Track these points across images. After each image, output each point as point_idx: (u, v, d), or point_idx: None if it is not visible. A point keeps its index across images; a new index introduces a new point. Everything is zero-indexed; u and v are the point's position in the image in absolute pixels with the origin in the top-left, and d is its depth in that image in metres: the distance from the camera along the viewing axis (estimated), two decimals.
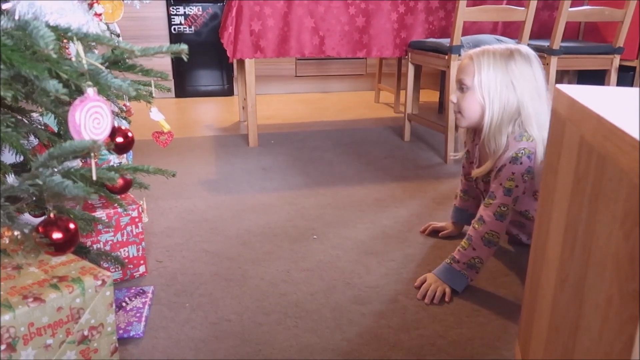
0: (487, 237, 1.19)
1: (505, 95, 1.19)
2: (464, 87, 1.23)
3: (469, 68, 1.22)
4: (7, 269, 0.81)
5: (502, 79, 1.19)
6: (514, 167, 1.18)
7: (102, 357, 0.83)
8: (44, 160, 0.76)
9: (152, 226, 1.56)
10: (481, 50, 1.22)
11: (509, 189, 1.18)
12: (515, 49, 1.21)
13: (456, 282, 1.21)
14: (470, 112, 1.24)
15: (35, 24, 0.69)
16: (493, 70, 1.19)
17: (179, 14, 3.76)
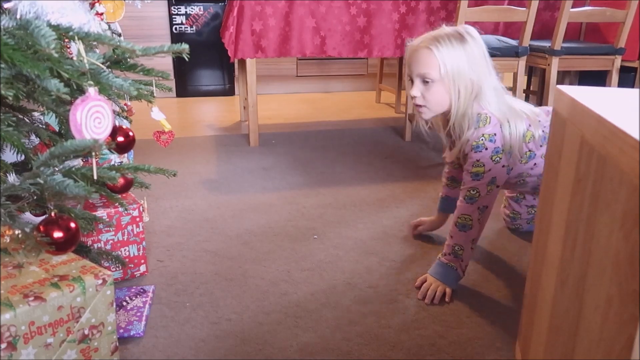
0: (460, 221, 1.22)
1: (468, 79, 1.17)
2: (428, 80, 1.18)
3: (430, 60, 1.17)
4: (8, 268, 0.81)
5: (463, 63, 1.17)
6: (478, 154, 1.20)
7: (102, 356, 0.83)
8: (45, 159, 0.76)
9: (152, 225, 1.56)
10: (435, 38, 1.17)
11: (476, 173, 1.20)
12: (462, 30, 1.19)
13: (448, 277, 1.21)
14: (438, 104, 1.21)
15: (36, 23, 0.69)
16: (456, 57, 1.16)
17: (180, 13, 3.76)
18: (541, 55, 2.34)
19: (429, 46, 1.16)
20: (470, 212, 1.21)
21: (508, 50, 2.23)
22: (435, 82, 1.17)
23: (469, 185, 1.22)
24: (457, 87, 1.17)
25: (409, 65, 1.22)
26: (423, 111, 1.23)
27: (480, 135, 1.19)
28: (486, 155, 1.19)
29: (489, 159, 1.20)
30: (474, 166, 1.20)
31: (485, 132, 1.19)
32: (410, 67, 1.21)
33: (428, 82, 1.18)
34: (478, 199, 1.20)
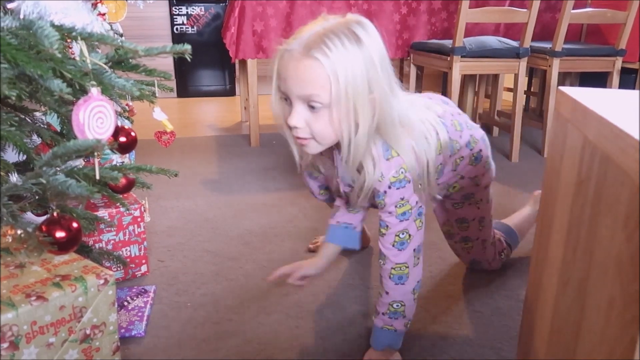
0: (395, 272, 0.96)
1: (370, 97, 0.84)
2: (315, 104, 0.84)
3: (318, 76, 0.82)
4: (10, 268, 0.81)
5: (362, 76, 0.83)
6: (401, 191, 0.93)
7: (104, 356, 0.83)
8: (48, 159, 0.76)
9: (153, 226, 1.56)
10: (321, 40, 0.81)
11: (403, 213, 0.95)
12: (355, 25, 0.84)
13: (391, 343, 0.99)
14: (328, 135, 0.87)
15: (40, 23, 0.69)
16: (352, 68, 0.81)
17: (181, 14, 3.77)
18: (542, 57, 2.34)
19: (316, 55, 0.81)
20: (406, 259, 0.96)
21: (509, 51, 2.23)
22: (324, 107, 0.84)
23: (397, 229, 0.95)
24: (356, 111, 0.84)
25: (285, 79, 0.86)
26: (309, 145, 0.90)
27: (399, 167, 0.91)
28: (409, 188, 0.94)
29: (412, 192, 0.94)
30: (399, 206, 0.94)
31: (404, 162, 0.91)
32: (286, 82, 0.85)
33: (315, 107, 0.84)
34: (410, 241, 0.96)
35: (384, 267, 0.98)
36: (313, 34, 0.83)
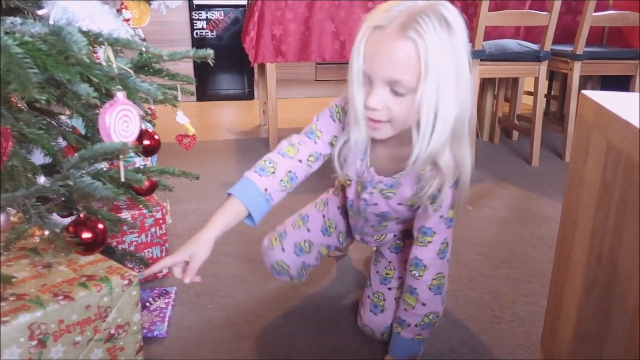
0: (435, 283, 0.94)
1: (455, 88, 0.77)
2: (400, 89, 0.76)
3: (411, 60, 0.74)
4: (38, 267, 0.83)
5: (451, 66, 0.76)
6: (454, 193, 0.89)
7: (127, 356, 0.84)
8: (75, 161, 0.78)
9: (174, 228, 1.58)
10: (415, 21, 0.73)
11: (451, 218, 0.91)
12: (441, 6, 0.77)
13: (415, 352, 1.00)
14: (405, 121, 0.80)
15: (68, 29, 0.71)
16: (444, 56, 0.74)
17: (201, 18, 3.81)
18: (563, 60, 2.31)
19: (412, 36, 0.73)
20: (444, 269, 0.94)
21: (529, 54, 2.21)
22: (412, 93, 0.76)
23: (443, 237, 0.92)
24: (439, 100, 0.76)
25: (371, 58, 0.77)
26: (382, 129, 0.82)
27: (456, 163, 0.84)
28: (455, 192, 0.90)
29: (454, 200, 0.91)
30: (450, 208, 0.90)
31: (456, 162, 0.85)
32: (372, 62, 0.77)
33: (399, 91, 0.77)
34: (448, 250, 0.94)
35: (422, 279, 0.93)
36: (404, 12, 0.75)
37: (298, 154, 0.93)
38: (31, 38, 0.69)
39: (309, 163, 0.94)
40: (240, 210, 0.91)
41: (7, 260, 0.85)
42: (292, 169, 0.93)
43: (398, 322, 0.99)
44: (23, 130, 0.79)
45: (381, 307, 1.04)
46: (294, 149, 0.94)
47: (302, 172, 0.94)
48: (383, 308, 1.04)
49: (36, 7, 0.81)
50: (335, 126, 0.95)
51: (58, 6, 0.72)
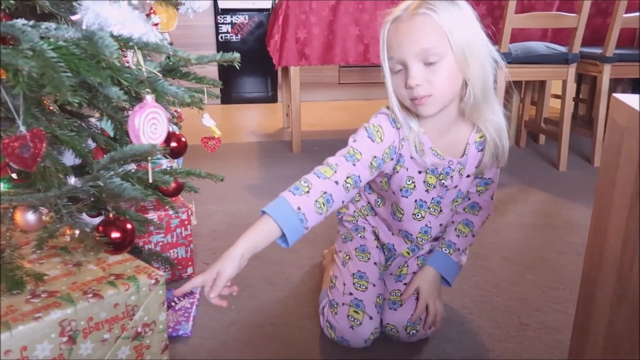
0: (485, 221, 1.11)
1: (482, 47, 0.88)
2: (432, 58, 0.84)
3: (433, 28, 0.84)
4: (69, 266, 0.85)
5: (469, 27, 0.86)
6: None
7: (153, 354, 0.86)
8: (105, 163, 0.80)
9: (199, 229, 1.60)
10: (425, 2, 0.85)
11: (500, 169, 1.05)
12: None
13: (452, 277, 1.08)
14: (448, 88, 0.88)
15: (100, 33, 0.73)
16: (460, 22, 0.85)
17: (226, 22, 3.86)
18: (592, 63, 2.26)
19: (424, 11, 0.84)
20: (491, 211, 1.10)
21: (557, 57, 2.17)
22: (443, 58, 0.85)
23: (496, 185, 1.08)
24: (474, 60, 0.86)
25: (398, 44, 0.86)
26: (428, 103, 0.88)
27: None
28: None
29: None
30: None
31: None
32: (400, 46, 0.86)
33: (432, 62, 0.85)
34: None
35: (479, 215, 1.08)
36: (415, 2, 0.86)
37: (335, 175, 0.91)
38: (65, 43, 0.71)
39: (347, 186, 0.91)
40: (271, 228, 0.89)
41: (39, 258, 0.87)
42: (328, 190, 0.89)
43: (447, 244, 1.07)
44: (55, 132, 0.82)
45: (399, 302, 1.05)
46: (331, 170, 0.92)
47: (339, 195, 0.91)
48: (402, 302, 1.05)
49: (69, 12, 0.83)
50: (375, 146, 0.94)
51: (91, 11, 0.74)
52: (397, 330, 1.03)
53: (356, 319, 1.00)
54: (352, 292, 1.03)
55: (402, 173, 0.99)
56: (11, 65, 0.61)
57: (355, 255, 1.11)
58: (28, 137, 0.67)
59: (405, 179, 1.00)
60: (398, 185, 1.01)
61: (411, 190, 1.01)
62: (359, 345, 1.01)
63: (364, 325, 1.00)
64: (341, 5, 2.37)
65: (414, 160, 0.98)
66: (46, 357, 0.71)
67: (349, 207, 1.17)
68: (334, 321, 1.02)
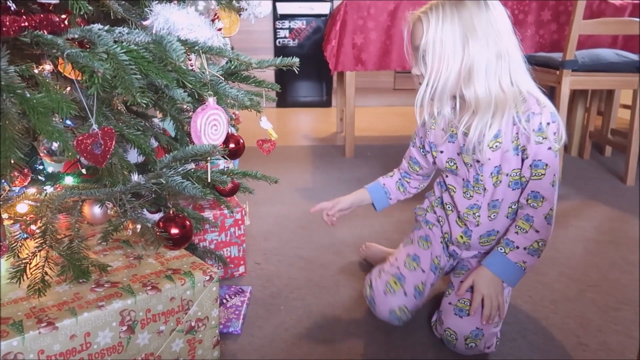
0: (549, 214, 1.01)
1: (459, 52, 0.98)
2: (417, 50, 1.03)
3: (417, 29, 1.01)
4: (130, 258, 0.89)
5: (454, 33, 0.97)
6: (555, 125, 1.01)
7: (205, 349, 0.88)
8: (168, 161, 0.83)
9: (251, 229, 1.63)
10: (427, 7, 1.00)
11: (556, 152, 1.01)
12: None
13: (513, 278, 1.03)
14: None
15: (168, 38, 0.76)
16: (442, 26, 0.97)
17: (284, 27, 3.93)
18: None
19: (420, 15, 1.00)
20: (555, 202, 1.03)
21: (628, 65, 2.06)
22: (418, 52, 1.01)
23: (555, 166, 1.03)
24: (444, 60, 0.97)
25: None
26: None
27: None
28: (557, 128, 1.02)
29: None
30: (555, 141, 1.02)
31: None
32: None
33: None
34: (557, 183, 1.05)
35: (540, 208, 1.01)
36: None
37: (401, 165, 1.26)
38: (135, 46, 0.75)
39: (412, 166, 1.23)
40: (366, 195, 1.26)
41: (104, 250, 0.92)
42: (402, 176, 1.26)
43: (505, 243, 1.03)
44: (123, 131, 0.86)
45: (467, 311, 1.02)
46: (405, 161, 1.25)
47: (410, 177, 1.25)
48: (469, 312, 1.02)
49: (140, 18, 0.88)
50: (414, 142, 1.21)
51: (161, 17, 0.78)
52: (456, 338, 1.00)
53: (392, 288, 1.07)
54: (400, 267, 1.11)
55: (440, 157, 1.12)
56: (88, 67, 0.65)
57: (417, 241, 1.18)
58: (100, 134, 0.71)
59: (446, 161, 1.11)
60: (442, 167, 1.13)
61: (455, 170, 1.10)
62: (382, 315, 1.07)
63: (397, 296, 1.06)
64: (399, 10, 2.35)
65: (448, 143, 1.09)
66: (107, 344, 0.75)
67: (424, 201, 1.26)
68: (374, 282, 1.10)
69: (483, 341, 0.99)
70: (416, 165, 1.21)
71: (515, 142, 1.00)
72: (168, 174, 0.83)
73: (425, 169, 1.21)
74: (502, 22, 0.98)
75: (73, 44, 0.71)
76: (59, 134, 0.65)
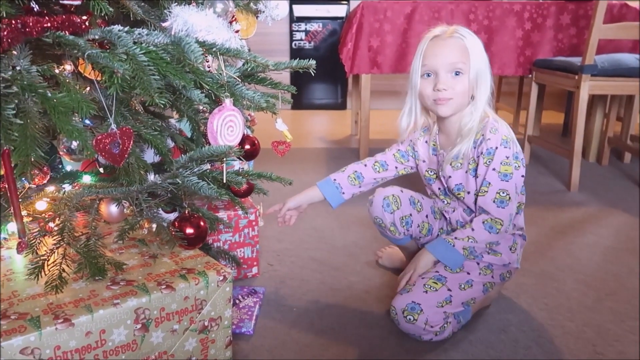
0: (489, 222, 1.11)
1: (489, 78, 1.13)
2: (459, 70, 1.09)
3: (463, 49, 1.09)
4: (145, 257, 0.90)
5: (485, 61, 1.12)
6: (505, 150, 1.10)
7: (218, 349, 0.89)
8: (185, 161, 0.84)
9: (264, 230, 1.64)
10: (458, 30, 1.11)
11: (505, 173, 1.10)
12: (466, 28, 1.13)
13: (449, 258, 1.12)
14: (463, 96, 1.12)
15: (187, 39, 0.77)
16: (481, 50, 1.11)
17: (300, 30, 3.94)
18: None
19: (458, 35, 1.10)
20: (504, 218, 1.10)
21: None
22: (465, 73, 1.09)
23: (498, 187, 1.10)
24: (478, 83, 1.11)
25: (434, 56, 1.10)
26: (447, 104, 1.11)
27: (506, 130, 1.11)
28: (510, 152, 1.10)
29: (514, 157, 1.10)
30: (503, 164, 1.09)
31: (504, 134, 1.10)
32: (436, 58, 1.10)
33: (458, 74, 1.09)
34: (510, 203, 1.10)
35: (480, 216, 1.13)
36: (449, 28, 1.12)
37: (365, 160, 1.34)
38: (155, 47, 0.75)
39: (375, 168, 1.32)
40: (317, 193, 1.30)
41: (119, 248, 0.93)
42: (358, 169, 1.31)
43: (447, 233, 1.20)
44: (140, 131, 0.87)
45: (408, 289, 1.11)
46: (365, 160, 1.35)
47: (368, 173, 1.31)
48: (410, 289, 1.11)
49: (159, 19, 0.89)
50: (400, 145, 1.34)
51: (180, 18, 0.79)
52: (396, 313, 1.07)
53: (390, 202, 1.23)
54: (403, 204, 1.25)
55: (422, 165, 1.28)
56: (108, 68, 0.66)
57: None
58: (118, 134, 0.71)
59: (425, 170, 1.27)
60: (422, 175, 1.29)
61: (433, 179, 1.26)
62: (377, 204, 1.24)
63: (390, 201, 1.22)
64: (416, 14, 2.35)
65: (431, 155, 1.25)
66: (121, 342, 0.76)
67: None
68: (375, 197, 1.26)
69: (423, 317, 1.04)
70: (402, 158, 1.31)
71: (472, 165, 1.14)
72: (184, 174, 0.84)
73: (406, 165, 1.32)
74: None
75: (94, 45, 0.72)
76: (79, 133, 0.65)
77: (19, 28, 0.65)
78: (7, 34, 0.64)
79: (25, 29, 0.66)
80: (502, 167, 1.10)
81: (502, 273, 1.18)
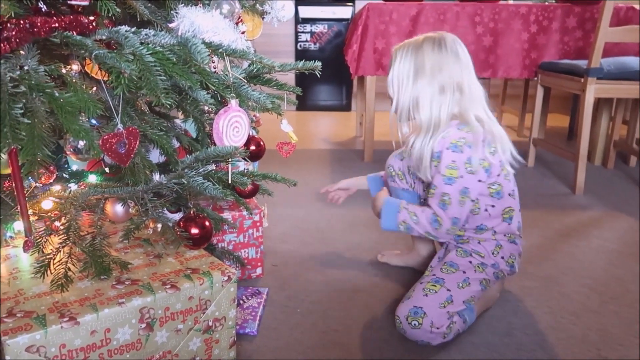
0: (435, 216, 1.14)
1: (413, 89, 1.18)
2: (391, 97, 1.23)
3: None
4: (150, 257, 0.90)
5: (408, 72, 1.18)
6: (454, 154, 1.11)
7: (221, 349, 0.89)
8: (190, 162, 0.84)
9: (269, 231, 1.64)
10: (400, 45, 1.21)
11: (449, 177, 1.11)
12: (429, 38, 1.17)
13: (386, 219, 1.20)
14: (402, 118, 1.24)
15: (193, 40, 0.77)
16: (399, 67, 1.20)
17: (305, 31, 3.95)
18: None
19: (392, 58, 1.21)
20: (444, 217, 1.12)
21: None
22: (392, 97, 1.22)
23: (442, 191, 1.12)
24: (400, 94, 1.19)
25: None
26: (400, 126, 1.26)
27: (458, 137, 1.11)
28: (461, 158, 1.10)
29: (463, 163, 1.11)
30: (448, 168, 1.11)
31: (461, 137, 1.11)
32: None
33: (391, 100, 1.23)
34: (450, 206, 1.11)
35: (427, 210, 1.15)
36: None
37: None
38: (161, 48, 0.76)
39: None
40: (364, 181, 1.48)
41: (125, 248, 0.94)
42: None
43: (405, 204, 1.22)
44: (146, 131, 0.87)
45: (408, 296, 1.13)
46: None
47: None
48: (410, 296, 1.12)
49: (166, 20, 0.89)
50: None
51: (187, 19, 0.79)
52: (400, 321, 1.07)
53: None
54: None
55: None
56: (115, 68, 0.66)
57: None
58: (124, 134, 0.72)
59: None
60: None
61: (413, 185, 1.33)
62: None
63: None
64: (422, 16, 2.35)
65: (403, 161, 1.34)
66: (126, 341, 0.76)
67: None
68: None
69: (427, 320, 1.03)
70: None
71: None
72: (190, 174, 0.85)
73: None
74: (454, 62, 1.15)
75: (101, 45, 0.73)
76: (86, 133, 0.66)
77: (27, 28, 0.66)
78: (15, 34, 0.65)
79: (33, 29, 0.67)
80: (447, 171, 1.11)
81: (495, 272, 1.17)
